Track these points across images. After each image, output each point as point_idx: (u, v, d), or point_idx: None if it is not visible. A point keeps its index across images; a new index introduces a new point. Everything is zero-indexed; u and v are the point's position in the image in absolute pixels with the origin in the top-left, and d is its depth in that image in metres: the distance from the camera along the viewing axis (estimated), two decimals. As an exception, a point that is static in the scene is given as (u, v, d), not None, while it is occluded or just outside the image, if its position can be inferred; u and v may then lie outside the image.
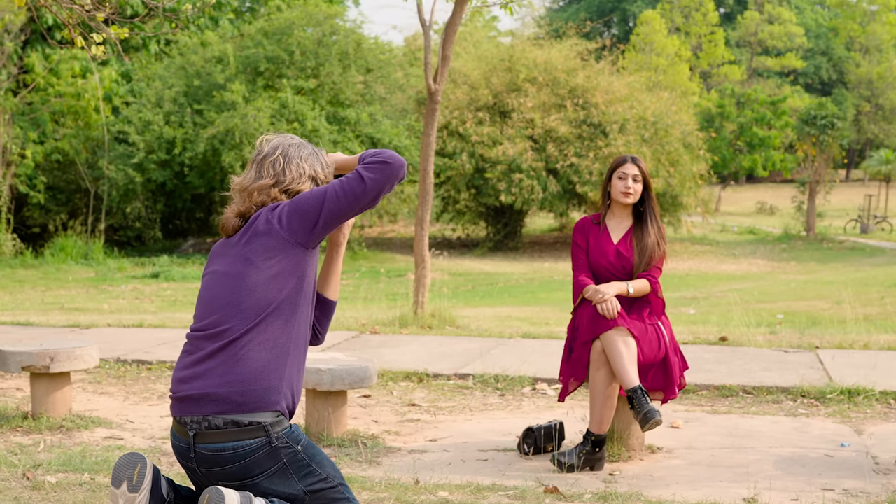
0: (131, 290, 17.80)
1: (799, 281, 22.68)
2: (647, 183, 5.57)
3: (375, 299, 14.37)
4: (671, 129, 28.68)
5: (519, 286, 20.99)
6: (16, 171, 25.09)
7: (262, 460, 3.42)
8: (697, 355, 8.03)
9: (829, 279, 22.62)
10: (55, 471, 4.95)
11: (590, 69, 28.92)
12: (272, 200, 3.63)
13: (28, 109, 26.54)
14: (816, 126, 43.77)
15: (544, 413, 6.61)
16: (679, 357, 5.64)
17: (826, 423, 6.42)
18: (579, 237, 5.65)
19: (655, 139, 28.05)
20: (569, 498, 4.61)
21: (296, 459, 3.46)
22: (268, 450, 3.41)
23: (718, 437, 6.07)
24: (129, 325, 10.48)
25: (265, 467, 3.43)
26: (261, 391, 3.43)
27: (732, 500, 4.66)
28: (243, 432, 3.39)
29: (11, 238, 24.12)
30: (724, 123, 48.55)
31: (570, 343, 5.62)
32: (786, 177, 53.40)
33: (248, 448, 3.39)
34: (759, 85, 57.15)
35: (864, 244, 33.82)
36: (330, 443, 5.81)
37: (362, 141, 27.51)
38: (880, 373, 7.41)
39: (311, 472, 3.48)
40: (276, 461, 3.44)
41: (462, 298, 15.66)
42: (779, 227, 37.68)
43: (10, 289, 17.84)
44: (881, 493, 4.88)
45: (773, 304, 16.67)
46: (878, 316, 13.34)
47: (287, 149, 3.71)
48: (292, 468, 3.46)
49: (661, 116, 28.55)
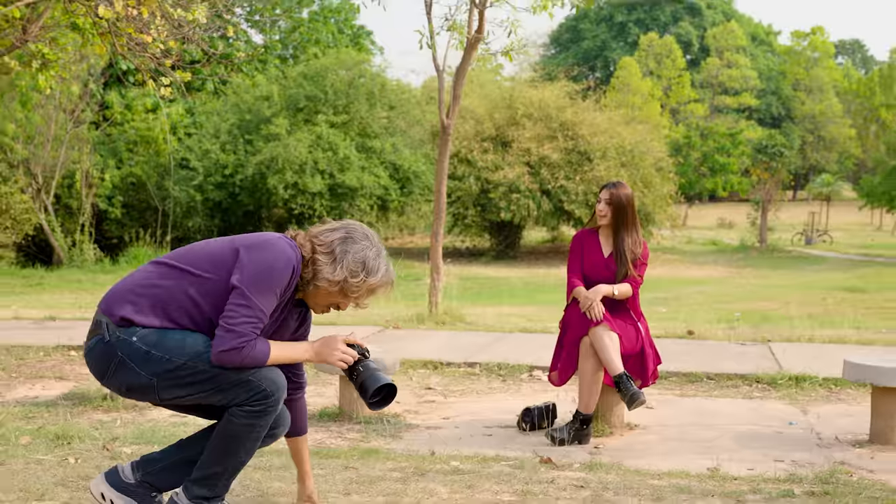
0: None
1: (753, 284, 22.63)
2: (620, 204, 5.53)
3: (397, 300, 14.36)
4: (645, 156, 28.65)
5: (518, 289, 20.96)
6: (97, 191, 25.20)
7: (103, 355, 3.21)
8: (668, 348, 8.01)
9: (779, 283, 22.58)
10: (130, 443, 4.96)
11: (577, 106, 28.93)
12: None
13: (107, 140, 26.68)
14: (768, 154, 43.76)
15: (539, 396, 6.60)
16: (653, 350, 5.64)
17: (777, 405, 6.41)
18: (576, 246, 5.64)
19: (632, 164, 28.03)
20: (560, 467, 4.60)
21: (132, 350, 3.15)
22: (103, 346, 3.19)
23: (686, 416, 6.06)
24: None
25: (109, 362, 3.20)
26: (111, 304, 3.26)
27: (698, 470, 4.65)
28: (90, 333, 3.26)
29: (93, 248, 24.21)
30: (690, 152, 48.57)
31: (562, 336, 5.63)
32: (742, 196, 53.26)
33: (91, 345, 3.24)
34: (719, 119, 57.04)
35: (809, 254, 33.74)
36: (359, 421, 5.81)
37: (386, 166, 27.61)
38: (822, 362, 7.39)
39: (151, 358, 3.15)
40: (114, 356, 3.18)
41: (470, 299, 15.63)
42: (736, 240, 37.58)
43: (92, 290, 17.87)
44: (824, 464, 4.86)
45: (731, 304, 16.62)
46: (820, 314, 13.31)
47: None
48: (130, 359, 3.16)
49: (637, 145, 28.52)
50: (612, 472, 4.47)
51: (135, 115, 26.73)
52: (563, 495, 3.97)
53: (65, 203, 25.17)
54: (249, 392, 3.19)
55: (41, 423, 5.47)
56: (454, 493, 3.90)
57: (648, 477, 4.38)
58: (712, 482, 4.30)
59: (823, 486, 4.22)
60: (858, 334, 9.49)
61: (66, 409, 6.05)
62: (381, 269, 3.29)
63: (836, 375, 6.87)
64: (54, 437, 5.00)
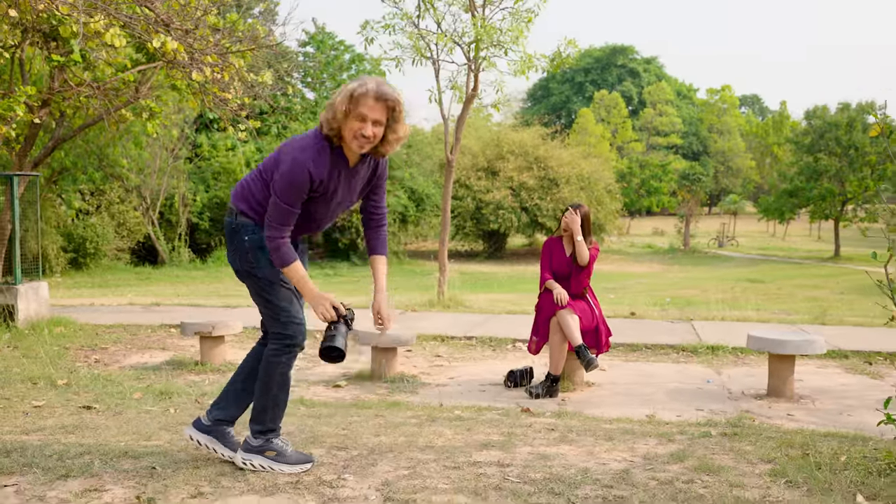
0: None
1: (680, 277, 22.57)
2: (584, 216, 5.50)
3: (414, 289, 14.36)
4: (598, 182, 28.63)
5: (503, 281, 20.93)
6: (190, 209, 25.18)
7: (229, 235, 3.10)
8: (616, 325, 7.99)
9: (699, 276, 22.52)
10: (215, 397, 4.96)
11: (548, 145, 28.92)
12: None
13: (198, 171, 26.65)
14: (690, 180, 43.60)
15: (521, 361, 6.59)
16: (605, 326, 5.62)
17: (698, 368, 6.39)
18: (546, 250, 5.62)
19: (589, 188, 28.02)
20: (536, 414, 4.58)
21: (242, 247, 3.05)
22: (230, 229, 3.09)
23: (630, 376, 6.05)
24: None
25: (231, 242, 3.09)
26: (234, 195, 3.12)
27: (639, 416, 4.63)
28: (227, 213, 3.13)
29: (188, 251, 24.21)
30: (632, 178, 48.48)
31: (536, 317, 5.61)
32: (671, 211, 53.22)
33: (225, 223, 3.12)
34: (653, 154, 56.92)
35: (721, 254, 33.62)
36: (386, 381, 5.79)
37: (405, 190, 27.54)
38: (732, 335, 7.37)
39: (248, 260, 3.04)
40: (233, 241, 3.08)
41: (468, 289, 15.61)
42: (666, 244, 37.49)
43: (188, 283, 17.90)
44: (733, 411, 4.84)
45: (663, 291, 16.58)
46: (730, 299, 13.26)
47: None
48: (240, 251, 3.06)
49: (592, 174, 28.52)
50: (575, 419, 4.45)
51: (218, 152, 26.70)
52: (538, 436, 3.95)
53: (167, 218, 25.18)
54: (279, 327, 3.07)
55: (149, 383, 5.47)
56: (457, 434, 3.89)
57: (602, 422, 4.36)
58: (650, 426, 4.28)
59: (733, 428, 4.20)
60: (758, 314, 9.46)
61: (167, 371, 6.05)
62: (356, 82, 2.90)
63: (741, 345, 6.87)
64: (159, 393, 4.99)
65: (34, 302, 8.00)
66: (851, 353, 6.71)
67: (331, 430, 3.97)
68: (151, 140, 21.81)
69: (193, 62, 6.73)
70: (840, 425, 4.51)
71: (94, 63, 9.57)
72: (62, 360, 6.33)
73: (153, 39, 6.09)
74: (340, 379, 5.90)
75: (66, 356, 6.55)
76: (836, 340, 7.15)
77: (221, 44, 6.96)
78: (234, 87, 7.53)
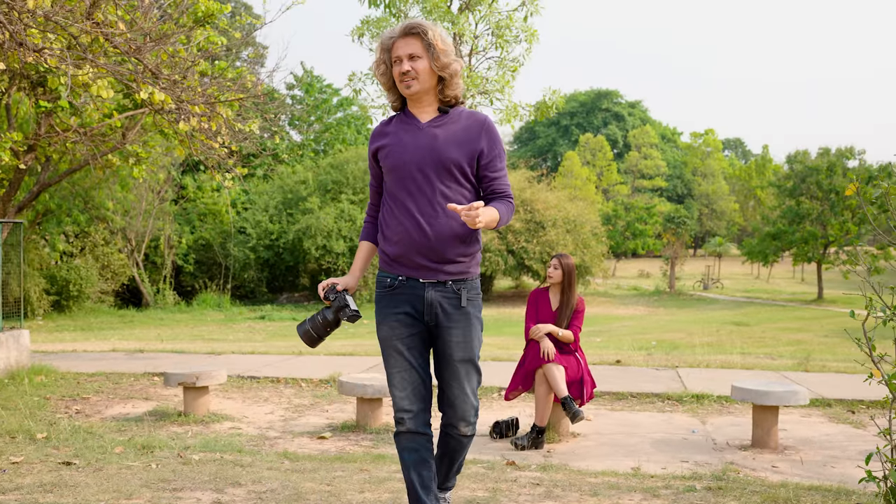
0: (247, 327, 17.72)
1: (665, 320, 22.63)
2: (567, 269, 5.53)
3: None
4: (584, 225, 28.77)
5: (490, 325, 20.89)
6: (176, 251, 25.12)
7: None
8: (601, 373, 8.00)
9: (684, 318, 22.58)
10: (198, 450, 4.90)
11: (534, 187, 29.09)
12: None
13: (183, 212, 26.66)
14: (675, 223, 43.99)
15: (506, 411, 6.57)
16: (590, 377, 5.62)
17: (683, 417, 6.39)
18: (532, 301, 5.63)
19: (574, 231, 28.15)
20: (521, 468, 4.56)
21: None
22: None
23: (615, 426, 6.03)
24: (245, 353, 10.39)
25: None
26: None
27: (624, 469, 4.62)
28: None
29: (172, 294, 24.07)
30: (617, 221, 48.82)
31: (519, 366, 5.60)
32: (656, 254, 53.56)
33: None
34: (638, 197, 57.47)
35: (706, 297, 33.76)
36: (370, 431, 5.76)
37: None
38: (717, 384, 7.39)
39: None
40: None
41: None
42: (652, 286, 37.63)
43: (171, 326, 17.75)
44: (718, 464, 4.84)
45: (649, 334, 16.61)
46: (715, 342, 13.32)
47: None
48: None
49: (578, 217, 28.66)
50: (561, 472, 4.43)
51: (204, 194, 26.76)
52: (523, 491, 3.93)
53: (152, 260, 25.09)
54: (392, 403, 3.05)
55: (130, 436, 5.40)
56: (441, 491, 3.85)
57: (588, 476, 4.34)
58: (635, 479, 4.27)
59: (718, 482, 4.20)
60: (743, 360, 9.49)
61: (150, 423, 5.98)
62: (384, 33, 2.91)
63: (726, 394, 6.88)
64: (140, 447, 4.93)
65: (14, 350, 7.92)
66: (834, 401, 6.73)
67: (315, 486, 3.94)
68: (137, 182, 21.82)
69: (181, 112, 6.79)
70: (824, 478, 4.52)
71: (81, 109, 9.63)
72: (42, 412, 6.24)
73: (141, 91, 6.16)
74: (325, 430, 5.85)
75: (46, 407, 6.46)
76: (820, 388, 7.18)
77: (209, 93, 7.04)
78: (220, 137, 7.59)
